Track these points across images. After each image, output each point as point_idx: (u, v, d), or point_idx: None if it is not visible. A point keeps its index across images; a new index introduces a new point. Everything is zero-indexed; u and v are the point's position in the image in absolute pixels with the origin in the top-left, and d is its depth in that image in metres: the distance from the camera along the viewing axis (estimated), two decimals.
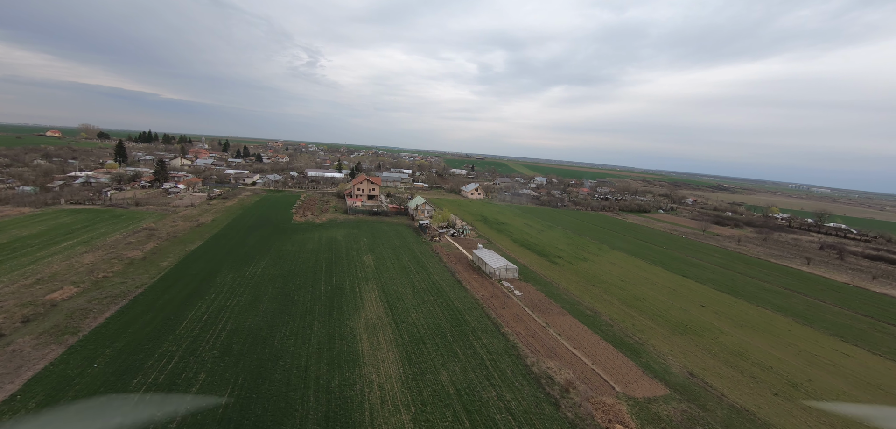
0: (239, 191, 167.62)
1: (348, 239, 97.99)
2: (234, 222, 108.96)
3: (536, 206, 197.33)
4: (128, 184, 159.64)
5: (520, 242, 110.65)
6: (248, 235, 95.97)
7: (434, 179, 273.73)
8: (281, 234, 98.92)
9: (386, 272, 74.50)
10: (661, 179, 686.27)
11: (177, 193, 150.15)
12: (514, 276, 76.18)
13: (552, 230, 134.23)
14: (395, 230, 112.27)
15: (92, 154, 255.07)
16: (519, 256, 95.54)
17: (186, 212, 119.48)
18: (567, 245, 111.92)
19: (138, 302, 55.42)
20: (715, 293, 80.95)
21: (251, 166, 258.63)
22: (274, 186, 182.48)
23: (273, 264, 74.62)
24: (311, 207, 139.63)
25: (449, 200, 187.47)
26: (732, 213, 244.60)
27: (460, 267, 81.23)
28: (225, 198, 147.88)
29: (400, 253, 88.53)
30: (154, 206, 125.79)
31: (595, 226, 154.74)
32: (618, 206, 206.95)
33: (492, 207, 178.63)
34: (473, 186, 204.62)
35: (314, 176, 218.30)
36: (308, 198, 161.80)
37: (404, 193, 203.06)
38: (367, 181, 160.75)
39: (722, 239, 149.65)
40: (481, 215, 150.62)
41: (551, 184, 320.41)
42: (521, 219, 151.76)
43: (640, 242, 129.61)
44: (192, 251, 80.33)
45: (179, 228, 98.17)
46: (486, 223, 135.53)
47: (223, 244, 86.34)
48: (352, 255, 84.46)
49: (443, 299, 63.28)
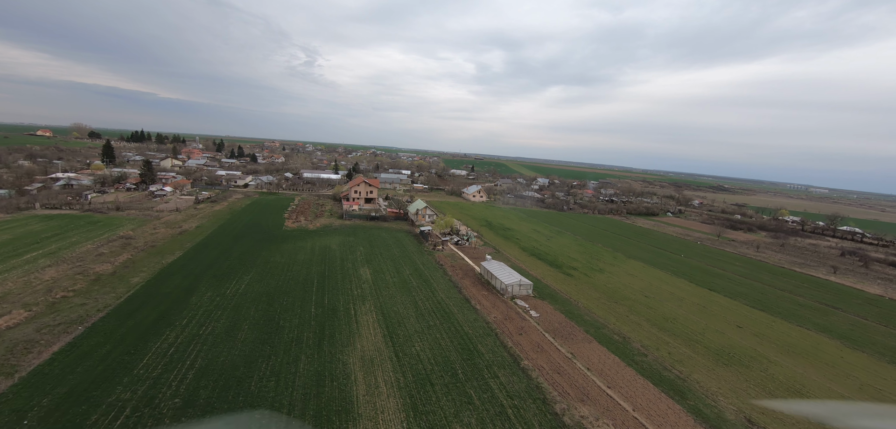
0: (230, 194, 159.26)
1: (344, 248, 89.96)
2: (220, 229, 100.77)
3: (541, 209, 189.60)
4: (112, 186, 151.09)
5: (529, 250, 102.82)
6: (235, 244, 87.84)
7: (434, 181, 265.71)
8: (270, 242, 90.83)
9: (385, 289, 66.53)
10: (660, 180, 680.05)
11: (163, 196, 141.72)
12: (528, 292, 68.33)
13: (561, 236, 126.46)
14: (394, 238, 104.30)
15: (79, 154, 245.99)
16: (529, 266, 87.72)
17: (170, 217, 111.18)
18: (580, 254, 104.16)
19: (96, 330, 47.33)
20: (748, 310, 73.31)
21: (245, 167, 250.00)
22: (267, 189, 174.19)
23: (258, 280, 66.56)
24: (305, 212, 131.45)
25: (450, 204, 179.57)
26: (741, 215, 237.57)
27: (467, 281, 73.34)
28: (214, 201, 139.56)
29: (400, 265, 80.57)
30: (136, 210, 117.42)
31: (605, 231, 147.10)
32: (625, 209, 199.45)
33: (495, 210, 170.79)
34: (475, 189, 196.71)
35: (309, 177, 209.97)
36: (302, 201, 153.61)
37: (403, 195, 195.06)
38: (364, 183, 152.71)
39: (738, 245, 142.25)
40: (485, 220, 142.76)
41: (554, 185, 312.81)
42: (528, 224, 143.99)
43: (656, 249, 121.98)
44: (169, 264, 72.18)
45: (159, 237, 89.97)
46: (490, 229, 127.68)
47: (205, 255, 78.19)
48: (347, 267, 76.44)
49: (450, 323, 55.37)
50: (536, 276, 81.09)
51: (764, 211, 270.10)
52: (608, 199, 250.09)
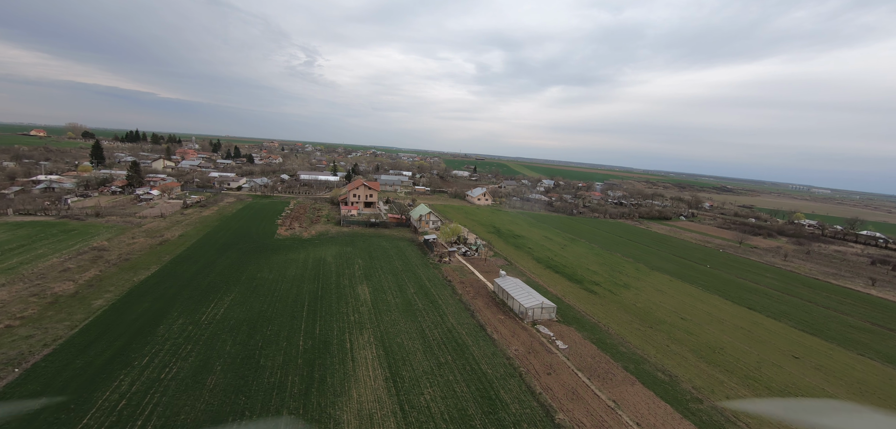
0: (221, 197, 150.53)
1: (340, 261, 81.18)
2: (205, 238, 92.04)
3: (550, 213, 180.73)
4: (96, 189, 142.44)
5: (544, 261, 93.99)
6: (219, 256, 79.08)
7: (436, 182, 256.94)
8: (259, 254, 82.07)
9: (387, 313, 57.72)
10: (663, 180, 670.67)
11: (149, 200, 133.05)
12: (551, 316, 59.54)
13: (575, 244, 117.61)
14: (395, 247, 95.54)
15: (69, 155, 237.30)
16: (547, 281, 78.92)
17: (153, 224, 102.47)
18: (599, 265, 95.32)
19: (34, 375, 38.62)
20: (798, 335, 64.49)
21: (240, 168, 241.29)
22: (261, 192, 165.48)
23: (241, 302, 57.80)
24: (300, 217, 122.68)
25: (454, 207, 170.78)
26: (756, 219, 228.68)
27: (480, 302, 64.54)
28: (203, 206, 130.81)
29: (403, 281, 71.77)
30: (117, 216, 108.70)
31: (620, 238, 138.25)
32: (637, 212, 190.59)
33: (503, 215, 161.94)
34: (480, 192, 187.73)
35: (307, 179, 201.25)
36: (298, 205, 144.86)
37: (405, 198, 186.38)
38: (363, 186, 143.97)
39: (763, 253, 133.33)
40: (493, 226, 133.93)
41: (559, 187, 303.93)
42: (538, 230, 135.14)
43: (678, 258, 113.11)
44: (141, 282, 63.47)
45: (136, 248, 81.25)
46: (499, 236, 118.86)
47: (184, 271, 69.44)
48: (343, 285, 67.65)
49: (465, 359, 46.57)
50: (556, 293, 72.27)
51: (777, 214, 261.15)
52: (617, 201, 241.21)
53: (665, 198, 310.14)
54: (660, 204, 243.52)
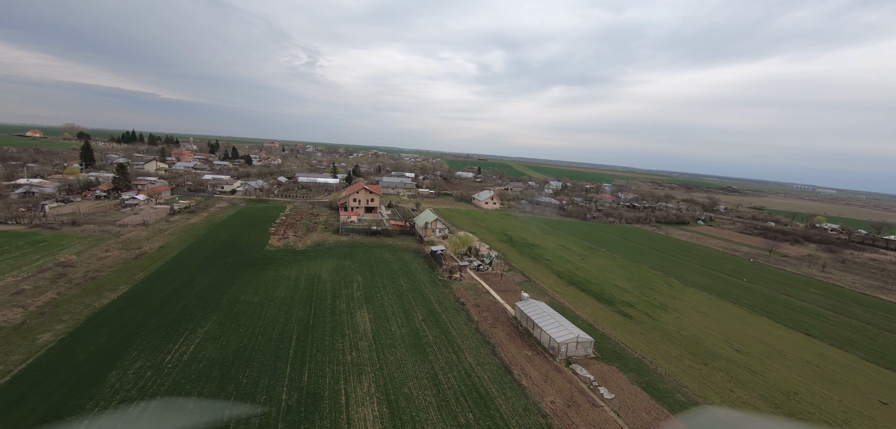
0: (213, 202, 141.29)
1: (337, 277, 71.69)
2: (188, 250, 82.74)
3: (562, 218, 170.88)
4: (79, 193, 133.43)
5: (565, 276, 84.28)
6: (200, 273, 69.72)
7: (440, 184, 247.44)
8: (246, 270, 72.66)
9: (391, 350, 48.16)
10: (668, 180, 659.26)
11: (134, 205, 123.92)
12: (587, 351, 49.90)
13: (596, 255, 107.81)
14: (400, 260, 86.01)
15: (59, 156, 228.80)
16: (573, 301, 69.29)
17: (132, 234, 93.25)
18: (627, 281, 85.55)
19: None
20: (876, 371, 54.69)
21: (237, 170, 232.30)
22: (256, 195, 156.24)
23: (216, 335, 48.37)
24: (296, 225, 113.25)
25: (461, 212, 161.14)
26: (775, 222, 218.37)
27: (501, 332, 54.95)
28: (192, 212, 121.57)
29: (410, 304, 62.23)
30: (95, 225, 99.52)
31: (642, 246, 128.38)
32: (653, 216, 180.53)
33: (513, 221, 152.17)
34: (488, 195, 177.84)
35: (305, 182, 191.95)
36: (294, 210, 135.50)
37: (408, 201, 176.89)
38: (364, 190, 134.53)
39: (796, 262, 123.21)
40: (504, 233, 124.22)
41: (567, 188, 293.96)
42: (553, 238, 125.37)
43: (709, 270, 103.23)
44: (103, 308, 54.16)
45: (108, 263, 71.98)
46: (512, 245, 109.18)
47: (156, 292, 60.11)
48: (340, 310, 58.14)
49: (491, 419, 37.02)
50: (586, 318, 62.61)
51: (795, 217, 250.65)
52: (629, 204, 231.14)
53: (676, 199, 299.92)
54: (674, 207, 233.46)
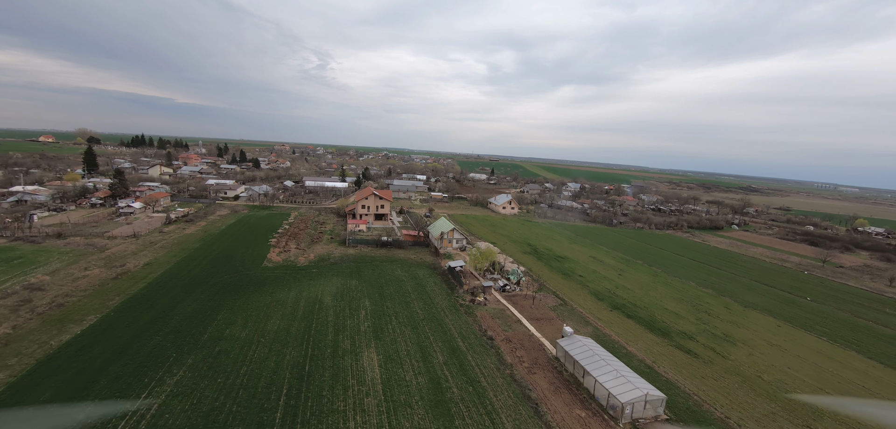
0: (213, 208, 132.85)
1: (342, 302, 61.57)
2: (177, 268, 73.55)
3: (586, 223, 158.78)
4: (74, 201, 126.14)
5: (605, 297, 72.87)
6: (184, 297, 60.26)
7: (453, 187, 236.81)
8: (237, 293, 63.02)
9: (405, 410, 37.65)
10: (685, 180, 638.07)
11: (129, 214, 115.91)
12: (657, 411, 38.77)
13: (633, 268, 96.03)
14: (413, 278, 75.59)
15: (64, 161, 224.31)
16: (620, 332, 58.06)
17: (119, 248, 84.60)
18: (677, 301, 73.80)
19: None
20: None
21: (243, 175, 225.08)
22: (260, 201, 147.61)
23: (188, 387, 38.50)
24: (299, 235, 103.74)
25: (477, 218, 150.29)
26: (813, 226, 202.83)
27: (541, 380, 44.09)
28: (189, 221, 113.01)
29: (427, 340, 51.73)
30: (83, 237, 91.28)
31: (681, 256, 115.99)
32: (684, 221, 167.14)
33: (535, 227, 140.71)
34: (505, 199, 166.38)
35: (312, 186, 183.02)
36: (299, 218, 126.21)
37: (420, 206, 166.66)
38: (373, 196, 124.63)
39: (855, 274, 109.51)
40: (527, 243, 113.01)
41: (585, 190, 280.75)
42: (582, 248, 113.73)
43: (763, 286, 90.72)
44: (62, 346, 44.91)
45: (83, 284, 63.06)
46: (538, 258, 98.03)
47: (128, 324, 50.69)
48: (343, 349, 47.90)
49: None
50: (641, 356, 51.37)
51: (832, 219, 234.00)
52: (655, 207, 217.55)
53: (701, 201, 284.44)
54: (703, 210, 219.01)
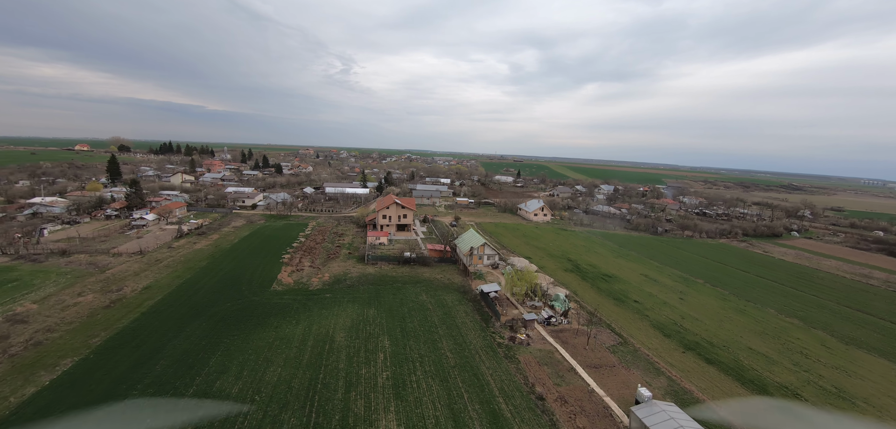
0: (229, 219, 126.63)
1: (356, 342, 51.77)
2: (177, 292, 65.82)
3: (628, 232, 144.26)
4: (88, 213, 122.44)
5: (672, 333, 60.28)
6: (178, 333, 51.92)
7: (478, 191, 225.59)
8: (238, 327, 54.26)
9: None
10: (720, 179, 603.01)
11: (142, 226, 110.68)
12: None
13: (695, 289, 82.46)
14: (440, 306, 65.15)
15: (90, 170, 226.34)
16: (699, 381, 45.76)
17: (122, 267, 77.98)
18: (760, 338, 60.37)
19: None
20: None
21: (264, 181, 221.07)
22: (278, 210, 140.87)
23: None
24: (315, 249, 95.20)
25: (507, 226, 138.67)
26: (882, 231, 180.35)
27: None
28: (202, 233, 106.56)
29: (461, 399, 41.12)
30: (87, 254, 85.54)
31: (746, 273, 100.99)
32: (739, 228, 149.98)
33: (572, 237, 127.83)
34: (537, 205, 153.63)
35: (332, 193, 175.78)
36: (317, 228, 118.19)
37: (445, 213, 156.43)
38: (395, 205, 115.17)
39: None
40: (566, 257, 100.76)
41: (618, 193, 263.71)
42: (629, 263, 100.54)
43: (858, 313, 75.39)
44: (23, 402, 37.03)
45: (71, 315, 55.87)
46: (581, 276, 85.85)
47: (106, 371, 42.52)
48: (355, 414, 37.91)
49: None
50: (738, 425, 39.07)
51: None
52: (699, 211, 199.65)
53: (746, 202, 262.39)
54: (754, 214, 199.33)
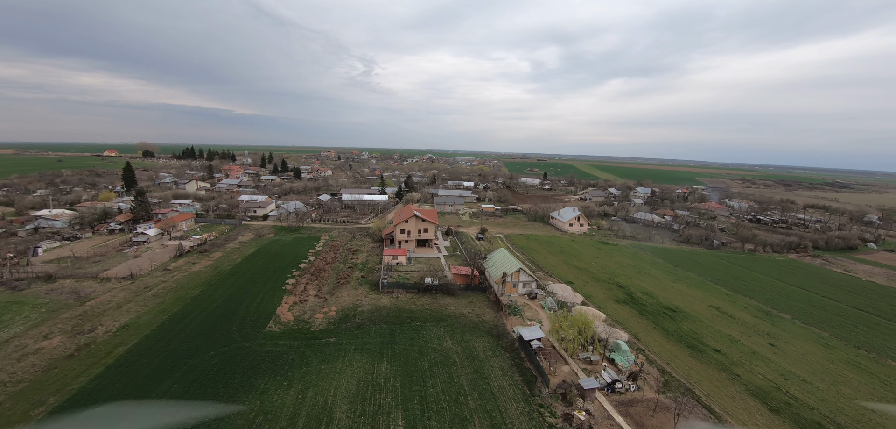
0: (237, 232, 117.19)
1: (361, 420, 39.32)
2: (157, 333, 55.26)
3: (679, 245, 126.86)
4: (92, 227, 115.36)
5: (778, 404, 45.22)
6: (138, 404, 40.77)
7: (504, 196, 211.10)
8: (215, 389, 42.76)
9: None
10: (757, 176, 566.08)
11: (143, 242, 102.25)
12: None
13: (783, 328, 66.36)
14: (470, 359, 52.00)
15: (107, 177, 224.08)
16: None
17: (105, 297, 68.39)
18: None
19: None
20: None
21: (281, 186, 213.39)
22: (290, 221, 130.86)
23: None
24: (324, 272, 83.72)
25: (540, 239, 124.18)
26: None
27: None
28: (204, 251, 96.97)
29: None
30: (74, 278, 76.75)
31: (837, 302, 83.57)
32: (807, 238, 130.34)
33: (616, 254, 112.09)
34: (573, 214, 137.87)
35: (349, 201, 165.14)
36: (329, 243, 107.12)
37: (470, 223, 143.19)
38: (415, 218, 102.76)
39: None
40: (614, 281, 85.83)
41: (656, 196, 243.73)
42: (692, 289, 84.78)
43: None
44: None
45: (27, 367, 45.92)
46: (637, 308, 71.05)
47: None
48: None
49: None
50: None
51: None
52: (752, 218, 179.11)
53: (795, 204, 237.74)
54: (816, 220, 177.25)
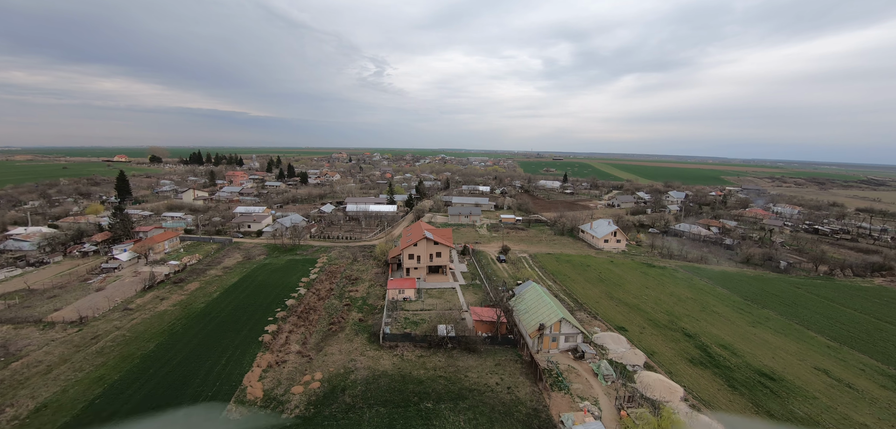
0: (223, 255, 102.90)
1: None
2: (83, 414, 40.36)
3: (740, 268, 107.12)
4: (64, 249, 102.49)
5: None
6: None
7: (524, 203, 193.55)
8: None
9: None
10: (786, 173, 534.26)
11: (112, 270, 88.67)
12: None
13: None
14: None
15: (104, 186, 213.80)
16: None
17: (37, 354, 54.14)
18: None
19: None
20: None
21: (284, 194, 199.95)
22: (285, 239, 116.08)
23: None
24: (313, 313, 68.25)
25: (572, 259, 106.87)
26: None
27: None
28: (178, 281, 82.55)
29: None
30: (14, 323, 62.99)
31: None
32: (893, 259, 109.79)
33: (668, 281, 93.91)
34: (608, 229, 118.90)
35: (354, 212, 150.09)
36: (325, 269, 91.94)
37: (488, 239, 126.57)
38: (425, 241, 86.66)
39: None
40: (676, 324, 68.22)
41: (689, 201, 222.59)
42: (779, 338, 66.66)
43: None
44: None
45: None
46: (719, 373, 53.62)
47: None
48: None
49: None
50: None
51: None
52: (808, 228, 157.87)
53: (847, 208, 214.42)
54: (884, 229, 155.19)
